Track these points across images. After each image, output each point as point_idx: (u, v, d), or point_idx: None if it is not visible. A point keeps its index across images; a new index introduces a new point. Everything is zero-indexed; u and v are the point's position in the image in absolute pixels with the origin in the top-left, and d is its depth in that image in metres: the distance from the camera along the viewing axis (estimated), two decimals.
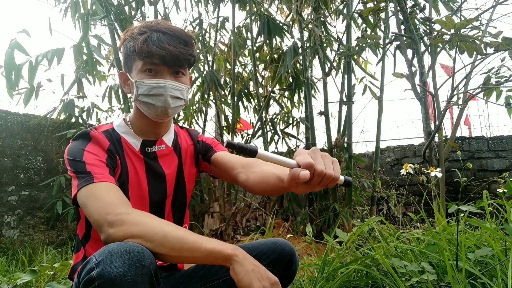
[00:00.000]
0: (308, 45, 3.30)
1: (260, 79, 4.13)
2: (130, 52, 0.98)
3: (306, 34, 3.49)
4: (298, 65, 3.77)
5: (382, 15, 3.40)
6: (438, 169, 1.35)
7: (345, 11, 3.50)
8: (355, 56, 3.44)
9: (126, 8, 3.53)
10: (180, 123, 3.77)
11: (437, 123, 2.19)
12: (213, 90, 3.64)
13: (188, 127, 3.27)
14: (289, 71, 3.44)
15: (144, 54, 0.94)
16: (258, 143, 4.31)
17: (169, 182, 1.08)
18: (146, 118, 1.03)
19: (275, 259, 1.03)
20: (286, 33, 3.71)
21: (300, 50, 3.48)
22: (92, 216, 0.82)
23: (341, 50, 3.37)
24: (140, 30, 0.98)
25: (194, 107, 3.80)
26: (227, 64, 4.16)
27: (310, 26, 3.30)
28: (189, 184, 1.15)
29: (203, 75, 3.58)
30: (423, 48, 2.33)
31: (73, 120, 3.52)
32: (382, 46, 3.12)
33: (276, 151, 4.03)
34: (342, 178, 0.74)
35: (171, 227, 0.80)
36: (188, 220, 1.19)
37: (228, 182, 1.22)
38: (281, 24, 3.65)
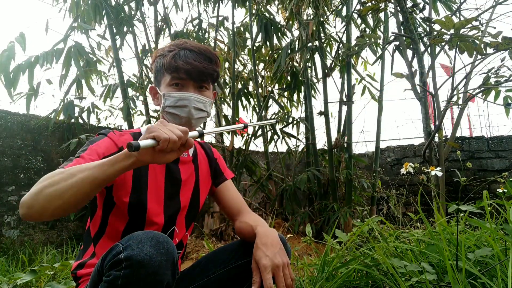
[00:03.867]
0: (306, 42, 3.29)
1: (259, 79, 4.14)
2: (160, 68, 1.07)
3: (304, 34, 3.49)
4: (296, 64, 3.77)
5: (382, 16, 3.41)
6: (438, 169, 1.35)
7: (344, 10, 3.50)
8: (353, 59, 3.44)
9: (126, 8, 3.53)
10: None
11: (437, 123, 2.19)
12: None
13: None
14: (284, 68, 3.45)
15: (172, 68, 1.03)
16: (258, 142, 4.31)
17: (183, 191, 1.10)
18: None
19: None
20: (285, 32, 3.72)
21: (297, 48, 3.48)
22: None
23: (341, 51, 3.37)
24: (169, 48, 1.07)
25: None
26: (227, 63, 4.16)
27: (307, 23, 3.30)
28: (202, 197, 1.18)
29: None
30: (422, 48, 2.33)
31: (72, 120, 3.52)
32: (381, 46, 3.13)
33: (276, 150, 4.03)
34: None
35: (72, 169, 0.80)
36: (190, 233, 1.22)
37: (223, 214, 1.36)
38: (279, 25, 3.66)
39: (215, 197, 1.24)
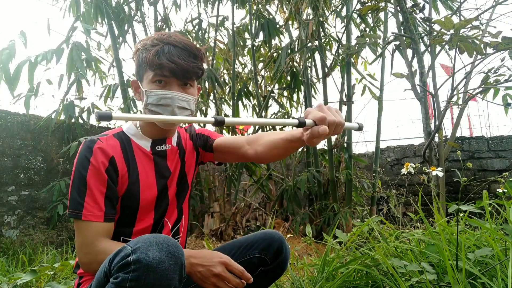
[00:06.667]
0: (306, 42, 3.29)
1: (259, 79, 4.13)
2: (142, 63, 1.02)
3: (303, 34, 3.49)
4: (295, 64, 3.77)
5: (382, 16, 3.40)
6: (439, 169, 1.35)
7: (344, 10, 3.50)
8: (353, 59, 3.44)
9: (126, 8, 3.53)
10: None
11: (437, 123, 2.18)
12: (211, 88, 3.64)
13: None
14: (283, 68, 3.45)
15: (155, 66, 0.98)
16: None
17: (171, 185, 1.10)
18: (155, 125, 1.07)
19: (265, 246, 1.11)
20: (282, 32, 3.73)
21: (297, 48, 3.48)
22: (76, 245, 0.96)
23: (341, 50, 3.37)
24: (153, 42, 1.02)
25: None
26: (227, 63, 4.16)
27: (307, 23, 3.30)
28: (190, 180, 1.18)
29: None
30: (423, 48, 2.33)
31: (72, 120, 3.52)
32: (381, 45, 3.12)
33: None
34: (350, 124, 0.88)
35: None
36: (188, 215, 1.20)
37: (236, 161, 1.35)
38: (277, 26, 3.67)
39: (217, 156, 1.20)
